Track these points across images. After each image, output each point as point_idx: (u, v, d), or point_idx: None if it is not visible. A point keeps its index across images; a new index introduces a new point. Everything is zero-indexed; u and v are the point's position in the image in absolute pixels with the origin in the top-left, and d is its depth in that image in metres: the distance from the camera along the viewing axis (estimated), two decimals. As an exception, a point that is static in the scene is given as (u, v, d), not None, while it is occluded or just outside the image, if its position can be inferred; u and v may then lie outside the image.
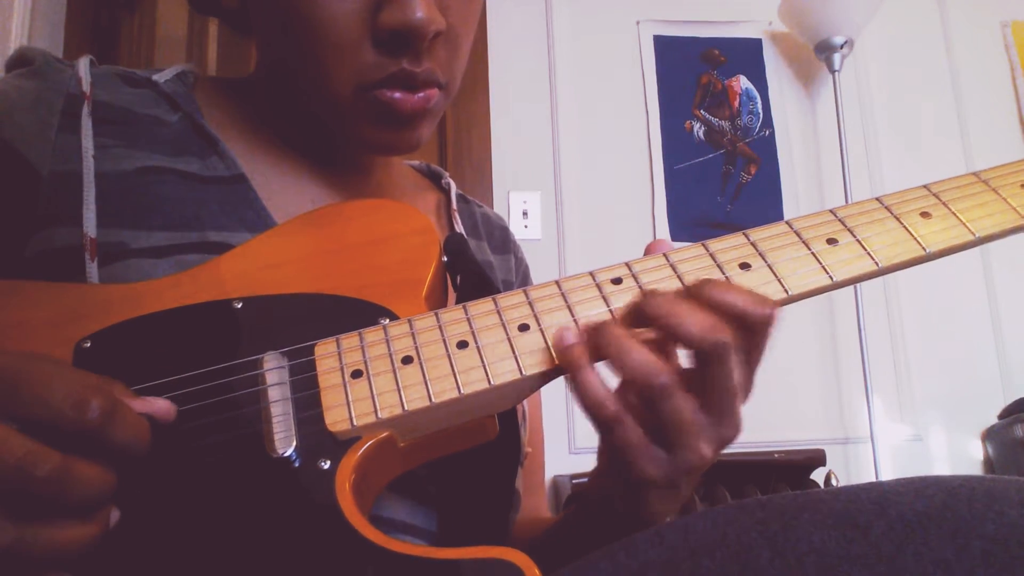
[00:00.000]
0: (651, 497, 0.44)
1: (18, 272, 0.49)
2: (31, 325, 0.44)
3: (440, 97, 0.55)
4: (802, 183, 2.11)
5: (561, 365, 0.42)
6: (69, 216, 0.49)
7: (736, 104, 2.14)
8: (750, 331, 0.41)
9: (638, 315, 0.42)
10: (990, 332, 2.06)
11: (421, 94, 0.53)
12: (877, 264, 0.46)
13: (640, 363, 0.40)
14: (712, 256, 0.46)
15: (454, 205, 0.69)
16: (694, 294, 0.42)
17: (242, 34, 0.63)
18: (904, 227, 0.47)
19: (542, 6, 2.14)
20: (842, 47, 1.99)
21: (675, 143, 2.09)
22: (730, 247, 0.47)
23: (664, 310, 0.41)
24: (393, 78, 0.52)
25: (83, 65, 0.55)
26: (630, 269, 0.46)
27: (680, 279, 0.45)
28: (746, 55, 2.18)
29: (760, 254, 0.46)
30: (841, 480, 1.84)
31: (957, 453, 1.99)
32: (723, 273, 0.45)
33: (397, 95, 0.52)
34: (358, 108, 0.53)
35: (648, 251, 0.48)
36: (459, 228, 0.68)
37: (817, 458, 1.72)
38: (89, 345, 0.43)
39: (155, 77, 0.58)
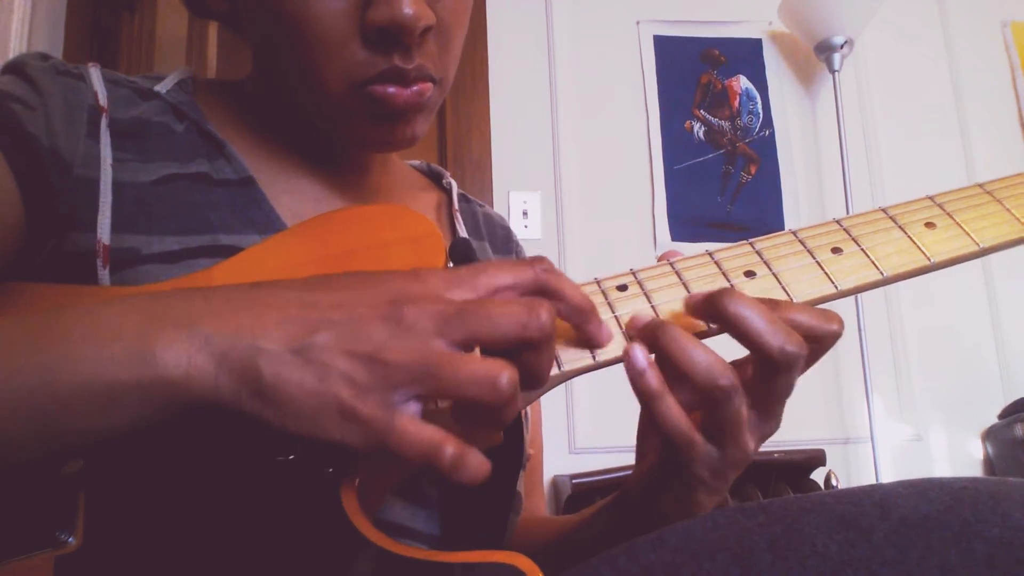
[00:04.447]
0: (699, 494, 0.46)
1: (31, 275, 0.49)
2: None
3: (434, 91, 0.55)
4: (802, 183, 2.11)
5: (638, 394, 0.42)
6: (85, 222, 0.50)
7: (736, 104, 2.14)
8: (816, 344, 0.43)
9: (710, 309, 0.43)
10: (990, 332, 2.06)
11: (415, 87, 0.53)
12: (882, 273, 0.46)
13: (706, 365, 0.41)
14: (717, 264, 0.46)
15: (455, 205, 0.69)
16: (767, 305, 0.43)
17: (241, 36, 0.63)
18: (909, 237, 0.47)
19: (542, 6, 2.14)
20: (842, 47, 1.99)
21: (675, 143, 2.09)
22: (735, 255, 0.47)
23: (741, 313, 0.42)
24: (384, 75, 0.52)
25: (96, 77, 0.55)
26: (635, 276, 0.46)
27: (685, 287, 0.45)
28: (746, 55, 2.18)
29: (765, 262, 0.46)
30: (841, 480, 1.84)
31: (957, 453, 1.99)
32: (728, 281, 0.46)
33: (391, 89, 0.52)
34: (352, 105, 0.53)
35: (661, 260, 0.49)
36: (460, 228, 0.67)
37: (817, 458, 1.73)
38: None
39: (157, 88, 0.58)
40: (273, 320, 0.35)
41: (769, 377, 0.43)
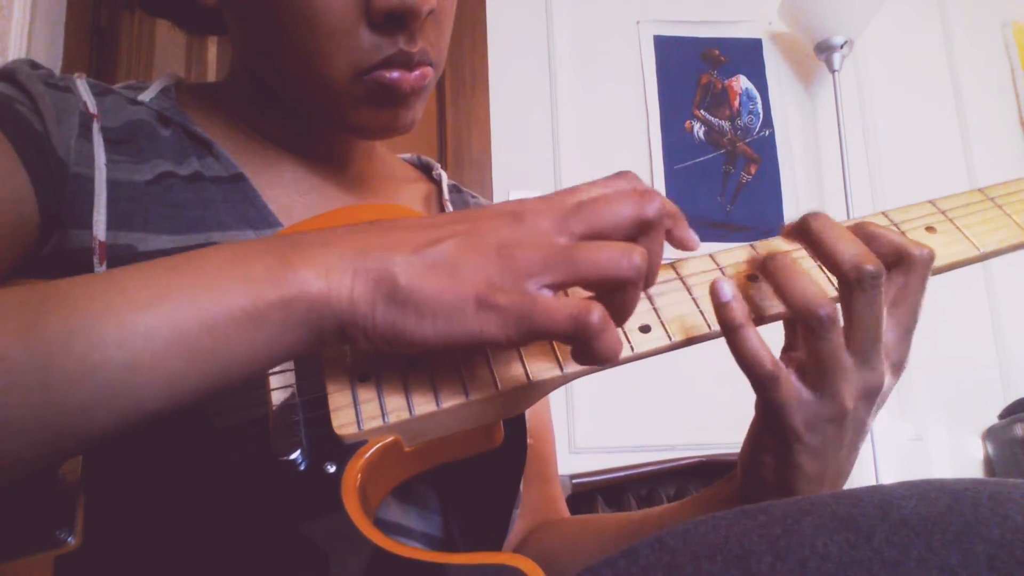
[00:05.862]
0: (799, 456, 0.45)
1: (32, 272, 0.50)
2: None
3: (432, 75, 0.56)
4: (802, 183, 2.11)
5: (721, 325, 0.43)
6: (82, 219, 0.50)
7: (736, 104, 2.14)
8: (904, 271, 0.44)
9: (798, 228, 0.46)
10: (990, 332, 2.06)
11: (417, 72, 0.54)
12: None
13: (809, 293, 0.42)
14: (721, 270, 0.47)
15: (446, 195, 0.69)
16: (855, 229, 0.45)
17: (204, 34, 0.64)
18: None
19: (542, 6, 2.14)
20: (842, 47, 1.99)
21: (675, 143, 2.09)
22: (738, 262, 0.47)
23: (822, 229, 0.44)
24: (390, 60, 0.53)
25: (83, 87, 0.56)
26: None
27: (689, 290, 0.46)
28: (746, 55, 2.18)
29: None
30: (841, 480, 1.84)
31: (957, 453, 1.99)
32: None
33: (395, 75, 0.53)
34: (356, 92, 0.54)
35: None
36: None
37: (817, 458, 1.72)
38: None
39: (140, 97, 0.59)
40: (400, 237, 0.37)
41: (851, 302, 0.42)
